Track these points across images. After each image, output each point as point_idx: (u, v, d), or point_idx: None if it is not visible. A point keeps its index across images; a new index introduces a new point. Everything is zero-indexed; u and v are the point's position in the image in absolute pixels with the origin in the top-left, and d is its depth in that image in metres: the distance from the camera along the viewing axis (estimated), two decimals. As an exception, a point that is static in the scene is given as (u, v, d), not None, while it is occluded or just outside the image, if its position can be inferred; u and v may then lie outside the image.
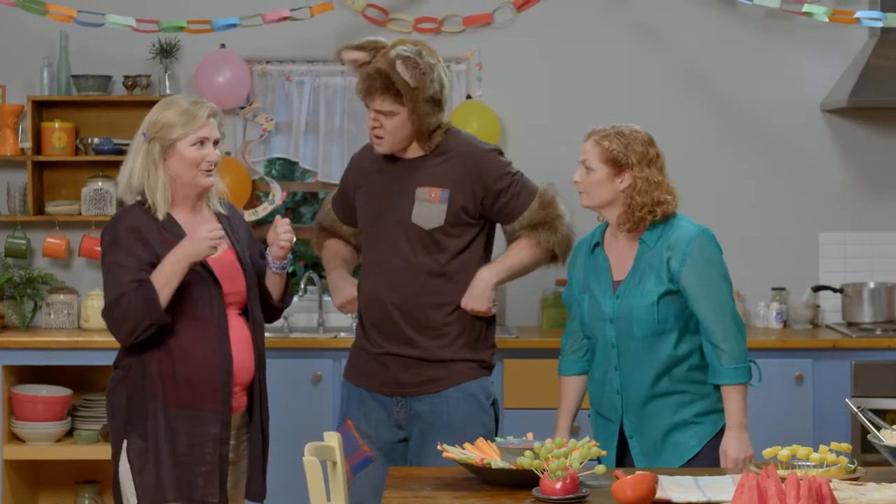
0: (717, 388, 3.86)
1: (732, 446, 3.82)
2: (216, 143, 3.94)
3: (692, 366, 3.87)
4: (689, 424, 3.86)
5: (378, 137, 4.19)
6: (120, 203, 4.15)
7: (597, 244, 3.98)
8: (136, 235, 3.84)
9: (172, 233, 3.87)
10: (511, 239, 4.31)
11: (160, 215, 3.87)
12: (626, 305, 3.84)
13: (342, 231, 4.49)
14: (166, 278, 3.79)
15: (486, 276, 4.22)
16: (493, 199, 4.22)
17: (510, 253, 4.28)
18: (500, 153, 4.31)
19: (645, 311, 3.81)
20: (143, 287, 3.77)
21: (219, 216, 4.01)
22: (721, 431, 3.86)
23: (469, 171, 4.19)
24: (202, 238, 3.79)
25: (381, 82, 4.11)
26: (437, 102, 4.16)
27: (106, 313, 3.82)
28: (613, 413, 3.90)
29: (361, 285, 4.31)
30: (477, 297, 4.20)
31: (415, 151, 4.23)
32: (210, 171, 3.92)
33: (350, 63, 4.22)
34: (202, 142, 3.90)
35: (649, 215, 3.86)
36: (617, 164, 3.86)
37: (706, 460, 3.83)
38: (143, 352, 3.83)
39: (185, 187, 3.92)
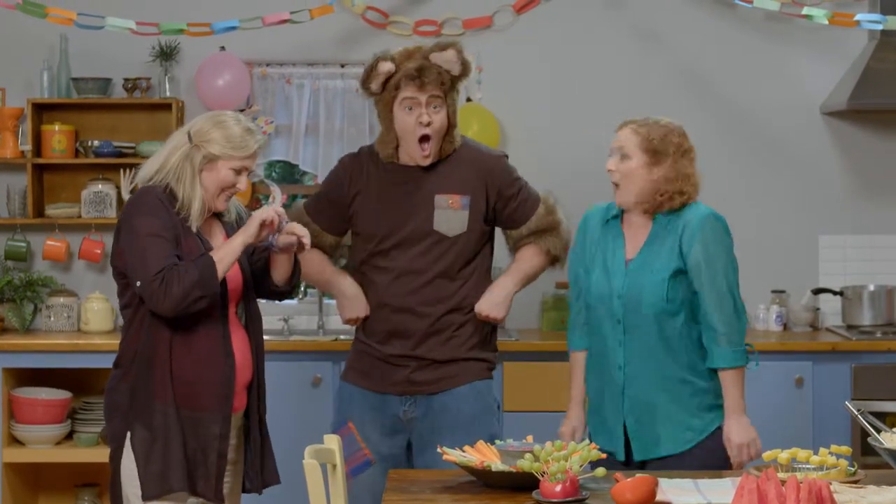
0: (711, 385, 3.86)
1: (735, 431, 3.81)
2: (250, 173, 3.97)
3: (698, 355, 3.85)
4: (689, 416, 3.84)
5: (425, 140, 4.19)
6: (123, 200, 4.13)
7: (615, 216, 3.99)
8: (165, 210, 3.82)
9: (190, 233, 3.87)
10: (517, 245, 4.36)
11: (193, 226, 3.87)
12: (636, 281, 3.85)
13: (325, 241, 4.43)
14: (222, 254, 3.81)
15: (506, 285, 4.32)
16: (503, 205, 4.29)
17: (522, 262, 4.37)
18: (507, 158, 4.39)
19: (655, 287, 3.82)
20: (203, 259, 3.77)
21: (227, 225, 4.02)
22: (718, 430, 3.85)
23: (483, 177, 4.26)
24: (254, 219, 3.87)
25: (434, 72, 4.16)
26: (457, 95, 4.29)
27: (148, 282, 3.74)
28: (614, 389, 3.88)
29: (375, 290, 4.31)
30: (498, 304, 4.29)
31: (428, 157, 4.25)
32: (230, 197, 3.95)
33: (383, 75, 4.20)
34: (241, 171, 3.91)
35: (668, 202, 3.89)
36: (656, 154, 3.88)
37: (703, 453, 3.81)
38: (149, 350, 3.83)
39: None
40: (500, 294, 4.29)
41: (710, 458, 3.83)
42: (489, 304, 4.27)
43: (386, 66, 4.19)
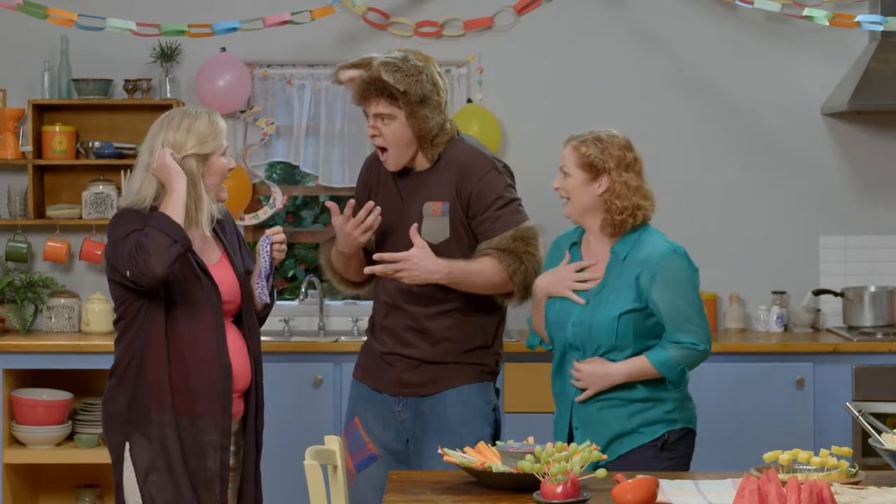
0: (667, 397, 3.86)
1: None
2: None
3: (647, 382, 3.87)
4: (630, 427, 3.85)
5: (382, 150, 4.17)
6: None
7: (574, 244, 4.00)
8: (137, 217, 3.81)
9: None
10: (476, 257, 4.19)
11: (207, 231, 3.89)
12: (589, 314, 3.86)
13: (370, 245, 4.36)
14: (171, 203, 3.77)
15: (437, 270, 4.06)
16: (474, 213, 4.16)
17: (472, 262, 4.13)
18: (499, 170, 4.21)
19: (606, 324, 3.83)
20: (156, 219, 3.73)
21: (214, 230, 4.01)
22: (659, 440, 3.84)
23: (456, 179, 4.16)
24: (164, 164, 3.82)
25: (375, 86, 4.10)
26: (433, 104, 4.13)
27: (127, 258, 3.72)
28: (566, 401, 3.93)
29: (377, 286, 4.31)
30: (416, 274, 4.05)
31: (422, 163, 4.21)
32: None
33: (348, 82, 4.18)
34: (224, 151, 3.93)
35: (630, 219, 3.87)
36: (594, 169, 3.87)
37: (638, 456, 3.82)
38: (144, 359, 3.82)
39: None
40: (426, 269, 4.03)
41: (646, 461, 3.82)
42: (411, 265, 4.04)
43: (346, 75, 4.16)
